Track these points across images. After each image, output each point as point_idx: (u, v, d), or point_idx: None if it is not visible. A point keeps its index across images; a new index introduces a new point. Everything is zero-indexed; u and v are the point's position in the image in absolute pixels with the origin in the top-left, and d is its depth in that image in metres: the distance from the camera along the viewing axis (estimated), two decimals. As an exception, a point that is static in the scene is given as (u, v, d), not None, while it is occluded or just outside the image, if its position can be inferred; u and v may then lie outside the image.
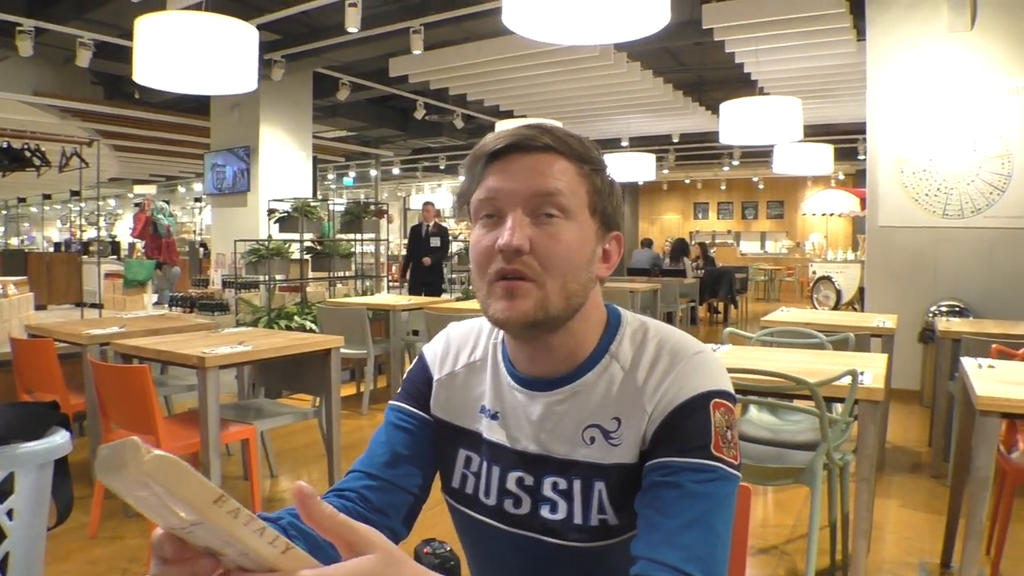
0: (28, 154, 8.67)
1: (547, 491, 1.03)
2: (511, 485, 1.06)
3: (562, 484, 1.02)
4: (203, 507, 0.56)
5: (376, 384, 6.40)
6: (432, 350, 1.19)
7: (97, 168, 8.61)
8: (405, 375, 1.20)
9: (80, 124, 11.04)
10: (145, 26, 4.24)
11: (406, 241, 9.90)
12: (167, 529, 0.62)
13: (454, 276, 10.90)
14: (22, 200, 23.10)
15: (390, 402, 1.18)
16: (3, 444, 1.10)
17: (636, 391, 0.99)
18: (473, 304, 6.16)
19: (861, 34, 7.00)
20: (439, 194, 21.97)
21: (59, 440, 1.27)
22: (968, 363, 2.86)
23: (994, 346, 3.46)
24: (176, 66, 4.31)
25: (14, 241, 24.27)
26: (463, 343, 1.17)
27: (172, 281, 12.62)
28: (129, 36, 5.66)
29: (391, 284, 9.91)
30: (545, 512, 1.02)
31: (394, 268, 11.14)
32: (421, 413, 1.15)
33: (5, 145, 8.53)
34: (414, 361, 1.21)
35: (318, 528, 0.63)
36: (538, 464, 1.04)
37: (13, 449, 1.14)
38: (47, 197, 21.39)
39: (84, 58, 7.39)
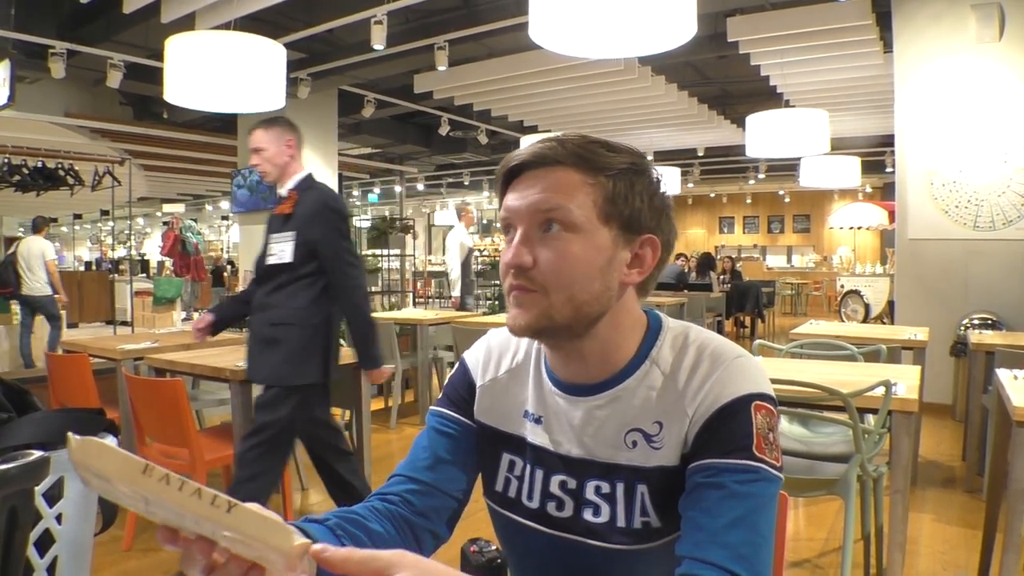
0: (62, 173, 8.80)
1: (590, 494, 1.04)
2: (554, 488, 1.07)
3: (605, 487, 1.03)
4: (133, 479, 0.57)
5: (404, 398, 6.42)
6: (473, 357, 1.21)
7: (129, 187, 8.74)
8: (446, 381, 1.22)
9: (109, 144, 11.20)
10: (175, 46, 4.32)
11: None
12: (143, 514, 0.63)
13: (480, 292, 10.91)
14: (53, 220, 23.47)
15: (431, 407, 1.20)
16: (53, 449, 1.13)
17: (677, 395, 1.00)
18: (500, 319, 6.17)
19: (888, 46, 6.97)
20: (463, 210, 22.03)
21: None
22: (1004, 375, 2.83)
23: (1029, 357, 3.42)
24: (206, 85, 4.38)
25: (45, 260, 24.54)
26: (504, 349, 1.18)
27: (197, 296, 12.83)
28: (158, 57, 5.76)
29: (417, 299, 9.95)
30: (588, 515, 1.03)
31: (419, 284, 11.18)
32: (463, 418, 1.16)
33: (39, 165, 8.67)
34: (455, 367, 1.23)
35: (343, 572, 0.66)
36: (581, 468, 1.05)
37: (63, 454, 1.16)
38: (78, 217, 21.76)
39: (115, 79, 7.50)
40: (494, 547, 0.93)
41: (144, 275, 16.31)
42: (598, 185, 0.99)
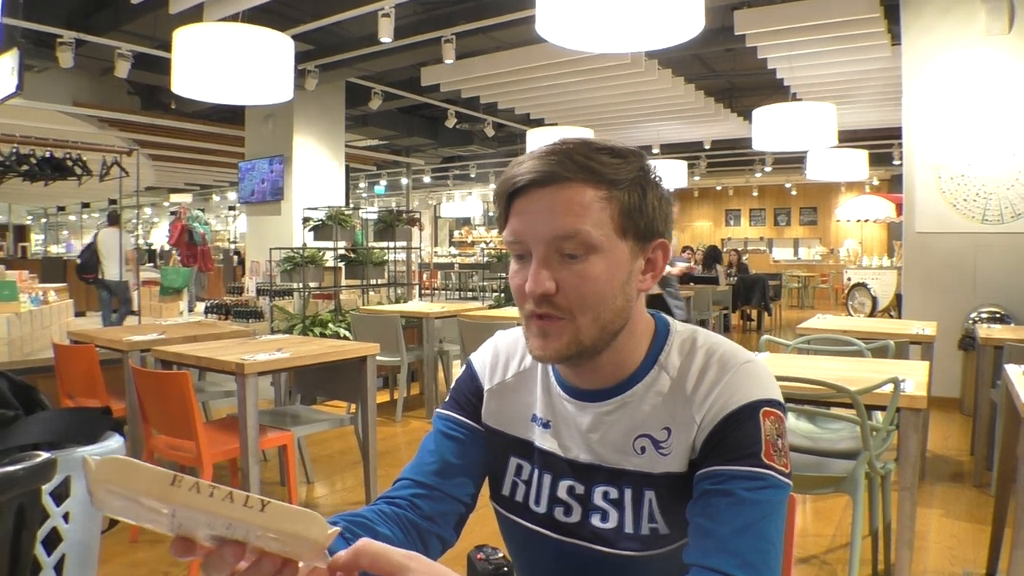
0: (70, 163, 8.83)
1: (598, 500, 1.03)
2: (562, 493, 1.06)
3: (613, 493, 1.02)
4: (163, 492, 0.57)
5: (409, 391, 6.43)
6: (480, 360, 1.20)
7: (137, 177, 8.75)
8: (453, 383, 1.21)
9: (117, 134, 11.22)
10: (184, 37, 4.31)
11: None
12: (165, 531, 0.63)
13: (486, 284, 10.91)
14: (61, 209, 23.57)
15: (437, 410, 1.19)
16: (59, 448, 1.13)
17: (685, 400, 0.99)
18: (506, 312, 6.17)
19: (896, 39, 6.94)
20: (469, 202, 22.04)
21: (113, 444, 1.29)
22: (1012, 370, 2.82)
23: (1038, 353, 3.40)
24: (214, 76, 4.37)
25: (54, 249, 24.70)
26: (512, 352, 1.17)
27: (204, 286, 12.95)
28: (166, 47, 5.77)
29: (423, 292, 9.95)
30: (596, 520, 1.03)
31: (425, 276, 11.17)
32: (471, 422, 1.15)
33: (47, 155, 8.70)
34: (462, 370, 1.22)
35: (359, 571, 0.68)
36: (589, 473, 1.04)
37: (69, 453, 1.16)
38: (86, 206, 21.82)
39: (123, 69, 7.50)
40: (501, 554, 0.92)
41: (151, 265, 16.34)
42: (612, 199, 0.95)
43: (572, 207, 0.94)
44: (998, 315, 5.70)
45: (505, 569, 0.90)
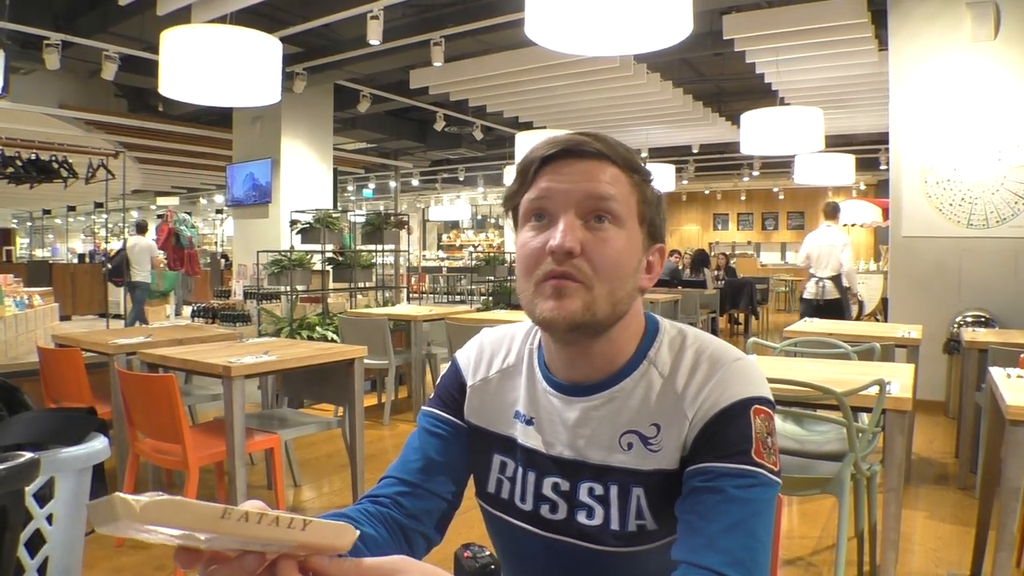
0: (56, 166, 8.79)
1: (583, 496, 1.03)
2: (547, 491, 1.06)
3: (598, 490, 1.02)
4: (212, 526, 0.58)
5: (397, 395, 6.41)
6: (465, 356, 1.20)
7: (123, 179, 8.71)
8: (438, 381, 1.21)
9: (104, 137, 11.15)
10: (171, 39, 4.30)
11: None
12: (184, 546, 0.64)
13: (474, 287, 10.91)
14: (47, 212, 23.41)
15: (423, 407, 1.19)
16: (44, 449, 1.12)
17: (676, 397, 0.99)
18: (494, 316, 6.17)
19: (883, 44, 6.98)
20: (458, 205, 22.02)
21: (98, 445, 1.28)
22: (997, 373, 2.83)
23: (1023, 356, 3.42)
24: (201, 78, 4.36)
25: (39, 252, 24.55)
26: (496, 349, 1.17)
27: (191, 290, 12.97)
28: (154, 49, 5.74)
29: (411, 295, 9.95)
30: (581, 518, 1.03)
31: (414, 279, 11.16)
32: (454, 419, 1.15)
33: (33, 157, 8.65)
34: (447, 367, 1.21)
35: None
36: (574, 469, 1.04)
37: (54, 454, 1.15)
38: (71, 209, 21.68)
39: (110, 71, 7.46)
40: (487, 552, 0.92)
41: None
42: (638, 186, 1.00)
43: (605, 176, 0.97)
44: (983, 319, 5.74)
45: (492, 567, 0.90)
